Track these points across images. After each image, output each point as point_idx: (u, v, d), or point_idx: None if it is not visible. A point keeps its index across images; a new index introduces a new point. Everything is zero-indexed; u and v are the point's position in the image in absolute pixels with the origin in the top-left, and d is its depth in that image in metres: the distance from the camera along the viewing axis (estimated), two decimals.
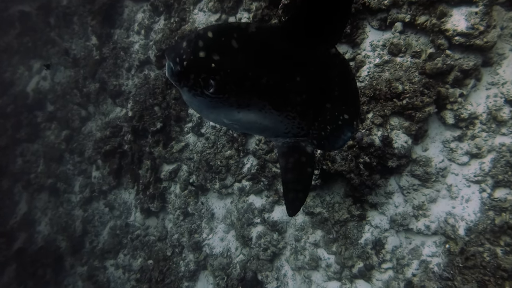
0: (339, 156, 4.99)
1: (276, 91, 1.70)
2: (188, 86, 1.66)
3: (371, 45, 5.24)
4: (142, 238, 8.18)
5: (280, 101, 1.75)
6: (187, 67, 1.59)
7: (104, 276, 9.10)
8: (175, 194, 7.46)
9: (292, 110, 1.80)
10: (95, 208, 9.87)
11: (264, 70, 1.64)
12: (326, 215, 5.43)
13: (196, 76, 1.61)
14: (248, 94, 1.68)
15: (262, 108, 1.75)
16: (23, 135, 12.62)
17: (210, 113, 1.86)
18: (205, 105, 1.76)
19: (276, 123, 1.85)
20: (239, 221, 6.24)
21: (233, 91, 1.64)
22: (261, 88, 1.66)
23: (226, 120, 1.86)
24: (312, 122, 1.92)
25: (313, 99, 1.82)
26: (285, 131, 1.93)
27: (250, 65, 1.61)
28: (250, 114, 1.78)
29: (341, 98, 1.93)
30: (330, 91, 1.88)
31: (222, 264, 6.47)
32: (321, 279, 5.49)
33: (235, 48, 1.57)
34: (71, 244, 10.18)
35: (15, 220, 12.66)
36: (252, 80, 1.63)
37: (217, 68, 1.57)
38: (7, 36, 14.97)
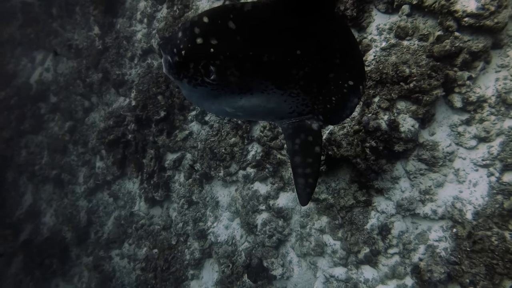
0: (345, 141, 4.96)
1: (278, 68, 1.66)
2: (188, 76, 1.63)
3: (377, 28, 5.17)
4: (147, 227, 8.22)
5: (282, 78, 1.71)
6: (186, 56, 1.55)
7: (109, 266, 9.18)
8: (179, 182, 7.47)
9: (295, 86, 1.76)
10: (100, 198, 9.92)
11: (264, 48, 1.60)
12: (331, 201, 5.42)
13: (195, 65, 1.58)
14: (250, 76, 1.65)
15: (265, 89, 1.72)
16: (27, 126, 12.68)
17: (212, 104, 1.83)
18: (206, 95, 1.73)
19: (280, 103, 1.82)
20: (244, 208, 6.24)
21: (234, 75, 1.61)
22: (262, 67, 1.63)
23: (228, 108, 1.83)
24: (316, 96, 1.87)
25: (315, 71, 1.78)
26: (290, 110, 1.89)
27: (250, 44, 1.57)
28: (252, 98, 1.75)
29: (343, 65, 1.87)
30: (331, 59, 1.83)
31: (227, 252, 6.49)
32: (327, 265, 5.50)
33: (233, 30, 1.54)
34: (76, 234, 10.26)
35: (21, 211, 12.78)
36: (253, 60, 1.59)
37: (216, 53, 1.53)
38: (9, 27, 14.97)
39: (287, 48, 1.65)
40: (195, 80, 1.64)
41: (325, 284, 5.51)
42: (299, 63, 1.70)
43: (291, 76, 1.72)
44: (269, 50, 1.60)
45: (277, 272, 5.80)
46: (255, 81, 1.67)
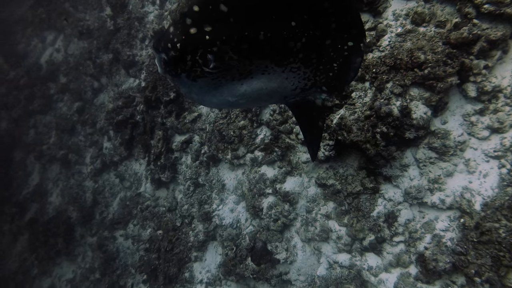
0: (356, 126, 4.96)
1: (275, 44, 1.64)
2: (186, 70, 1.61)
3: (393, 14, 5.14)
4: (152, 208, 8.33)
5: (281, 54, 1.70)
6: (181, 48, 1.52)
7: (113, 246, 9.33)
8: (186, 164, 7.54)
9: (294, 60, 1.75)
10: (106, 179, 10.05)
11: (259, 26, 1.57)
12: (338, 187, 5.44)
13: (193, 56, 1.56)
14: (249, 58, 1.63)
15: (265, 69, 1.71)
16: (36, 106, 12.83)
17: (213, 97, 1.80)
18: (206, 88, 1.71)
19: (282, 81, 1.82)
20: (250, 191, 6.30)
21: (233, 59, 1.59)
22: (260, 46, 1.61)
23: (231, 98, 1.81)
24: (316, 67, 1.85)
25: (312, 41, 1.75)
26: (292, 87, 1.89)
27: (244, 24, 1.55)
28: (254, 81, 1.74)
29: (340, 27, 1.80)
30: (327, 25, 1.77)
31: (232, 235, 6.57)
32: (331, 251, 5.54)
33: (225, 12, 1.51)
34: (81, 214, 10.42)
35: (28, 190, 12.99)
36: (250, 40, 1.57)
37: (212, 39, 1.51)
38: (21, 7, 15.08)
39: (281, 21, 1.62)
40: (194, 73, 1.62)
41: (329, 270, 5.57)
42: (295, 35, 1.67)
43: (289, 50, 1.70)
44: (264, 27, 1.58)
45: (281, 256, 5.86)
46: (254, 62, 1.66)
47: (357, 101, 5.04)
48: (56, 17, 13.11)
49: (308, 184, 5.81)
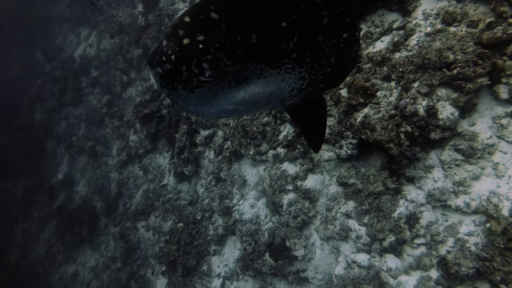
0: (380, 125, 4.97)
1: (268, 46, 1.66)
2: (183, 81, 1.63)
3: (423, 13, 5.12)
4: (174, 201, 8.58)
5: (275, 56, 1.71)
6: (176, 60, 1.55)
7: (135, 237, 9.66)
8: (209, 159, 7.73)
9: (288, 60, 1.75)
10: (130, 171, 10.43)
11: (250, 30, 1.60)
12: (360, 186, 5.45)
13: (188, 66, 1.58)
14: (243, 63, 1.65)
15: (260, 73, 1.73)
16: (68, 99, 13.47)
17: (211, 107, 1.82)
18: (204, 98, 1.73)
19: (278, 83, 1.83)
20: (271, 187, 6.40)
21: (228, 66, 1.61)
22: (253, 50, 1.63)
23: (229, 106, 1.83)
24: (311, 65, 1.85)
25: (304, 39, 1.74)
26: (289, 89, 1.90)
27: (236, 29, 1.57)
28: (250, 87, 1.76)
29: (333, 20, 1.78)
30: (318, 21, 1.75)
31: (251, 230, 6.69)
32: (350, 250, 5.55)
33: (216, 20, 1.53)
34: (106, 205, 10.84)
35: (57, 179, 13.63)
36: (243, 44, 1.59)
37: (205, 48, 1.54)
38: (60, 4, 15.88)
39: (272, 23, 1.64)
40: (191, 83, 1.64)
41: (347, 270, 5.58)
42: (287, 35, 1.68)
43: (283, 51, 1.71)
44: (256, 31, 1.60)
45: (299, 253, 5.92)
46: (249, 67, 1.67)
47: (382, 100, 5.04)
48: (90, 14, 13.74)
49: (329, 182, 5.85)
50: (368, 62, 5.29)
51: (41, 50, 16.24)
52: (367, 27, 5.37)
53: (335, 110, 5.71)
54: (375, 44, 5.29)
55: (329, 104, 5.76)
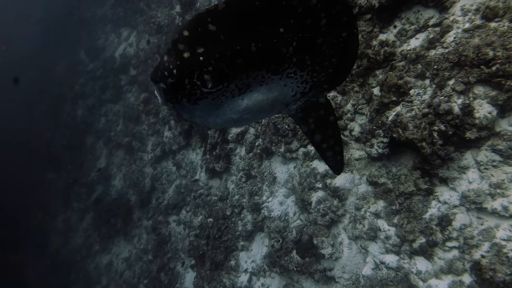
0: (412, 123, 4.95)
1: (267, 53, 1.69)
2: (186, 94, 1.66)
3: (462, 9, 5.04)
4: (205, 197, 8.88)
5: (275, 62, 1.74)
6: (178, 74, 1.59)
7: (166, 230, 10.07)
8: (240, 156, 7.96)
9: (289, 65, 1.78)
10: (164, 166, 10.89)
11: (249, 38, 1.64)
12: (390, 186, 5.44)
13: (190, 79, 1.61)
14: (245, 72, 1.68)
15: (262, 80, 1.76)
16: (108, 96, 14.26)
17: (217, 118, 1.86)
18: (209, 109, 1.77)
19: (281, 89, 1.86)
20: (300, 185, 6.50)
21: (229, 75, 1.65)
22: (253, 58, 1.67)
23: (234, 115, 1.86)
24: (312, 68, 1.88)
25: (303, 43, 1.77)
26: (292, 93, 1.93)
27: (235, 39, 1.62)
28: (254, 94, 1.79)
29: (331, 21, 1.81)
30: (316, 23, 1.78)
31: (279, 227, 6.82)
32: (378, 250, 5.54)
33: (214, 31, 1.59)
34: (140, 198, 11.38)
35: (95, 174, 14.44)
36: (242, 53, 1.63)
37: (206, 60, 1.58)
38: (104, 6, 16.87)
39: (270, 30, 1.68)
40: (194, 95, 1.67)
41: (374, 271, 5.57)
42: (286, 40, 1.71)
43: (283, 56, 1.74)
44: (254, 39, 1.64)
45: (326, 251, 5.98)
46: (251, 74, 1.70)
47: (415, 99, 5.02)
48: (131, 15, 14.49)
49: (359, 181, 5.87)
50: (402, 60, 5.28)
51: (85, 50, 17.30)
52: (401, 25, 5.37)
53: (366, 109, 5.73)
54: (409, 42, 5.28)
55: (361, 102, 5.79)
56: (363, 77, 5.73)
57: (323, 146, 2.12)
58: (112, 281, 11.79)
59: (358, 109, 5.81)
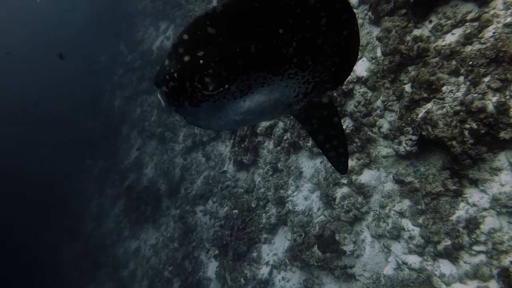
0: (442, 121, 4.90)
1: (267, 54, 1.72)
2: (188, 97, 1.70)
3: (504, 3, 4.90)
4: (231, 189, 9.13)
5: (275, 63, 1.77)
6: (179, 77, 1.63)
7: (192, 220, 10.44)
8: (268, 149, 8.13)
9: (290, 66, 1.81)
10: (194, 157, 11.27)
11: (248, 39, 1.67)
12: (417, 185, 5.39)
13: (191, 82, 1.65)
14: (245, 74, 1.71)
15: (263, 82, 1.78)
16: (144, 87, 14.91)
17: (219, 120, 1.89)
18: (211, 111, 1.81)
19: (283, 89, 1.88)
20: (326, 180, 6.57)
21: (230, 78, 1.68)
22: (253, 59, 1.69)
23: (237, 117, 1.89)
24: (314, 68, 1.90)
25: (303, 43, 1.80)
26: (294, 94, 1.95)
27: (234, 41, 1.65)
28: (255, 96, 1.81)
29: (331, 20, 1.83)
30: (315, 23, 1.81)
31: (302, 222, 6.92)
32: (401, 250, 5.52)
33: (213, 34, 1.62)
34: (169, 187, 11.85)
35: (129, 161, 15.17)
36: (242, 55, 1.66)
37: (206, 62, 1.62)
38: (144, 0, 17.62)
39: (268, 31, 1.70)
40: (196, 98, 1.70)
41: (396, 271, 5.55)
42: (285, 41, 1.74)
43: (283, 57, 1.77)
44: (253, 40, 1.67)
45: (347, 248, 6.03)
46: (252, 76, 1.73)
47: (447, 96, 4.95)
48: (170, 9, 15.05)
49: (385, 179, 5.86)
50: (436, 56, 5.21)
51: (125, 42, 18.15)
52: (437, 19, 5.30)
53: (396, 105, 5.71)
54: (444, 37, 5.20)
55: (391, 99, 5.77)
56: (395, 73, 5.70)
57: (326, 146, 2.14)
58: (139, 266, 12.37)
59: (388, 106, 5.79)
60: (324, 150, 2.15)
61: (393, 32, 5.74)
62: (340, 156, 2.15)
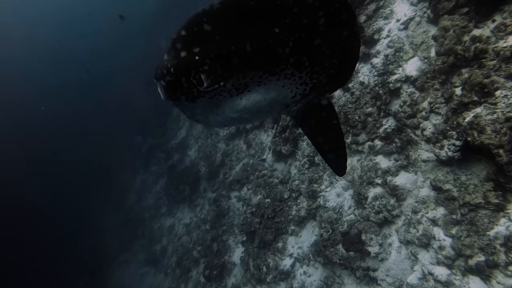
0: (491, 127, 4.66)
1: (263, 53, 1.72)
2: (184, 92, 1.73)
3: None
4: (267, 178, 9.31)
5: (271, 63, 1.76)
6: (175, 72, 1.67)
7: (226, 204, 10.78)
8: (307, 142, 8.18)
9: (286, 66, 1.80)
10: (236, 144, 11.60)
11: (244, 37, 1.68)
12: (455, 194, 5.18)
13: (187, 78, 1.67)
14: (241, 72, 1.72)
15: (260, 81, 1.78)
16: None
17: (217, 116, 1.91)
18: (207, 107, 1.83)
19: (280, 90, 1.88)
20: (360, 178, 6.50)
21: (225, 75, 1.69)
22: (249, 58, 1.70)
23: (233, 114, 1.91)
24: (311, 69, 1.88)
25: (300, 43, 1.79)
26: (292, 95, 1.94)
27: (229, 39, 1.67)
28: (252, 94, 1.82)
29: (330, 19, 1.81)
30: (313, 23, 1.79)
31: (331, 218, 6.92)
32: (429, 260, 5.34)
33: (209, 31, 1.65)
34: (209, 171, 12.31)
35: (175, 142, 15.93)
36: (237, 53, 1.68)
37: (201, 59, 1.64)
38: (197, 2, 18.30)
39: (264, 30, 1.70)
40: (192, 94, 1.72)
41: (421, 281, 5.38)
42: (281, 41, 1.73)
43: (279, 57, 1.76)
44: (248, 39, 1.68)
45: (372, 249, 5.94)
46: (248, 74, 1.73)
47: (501, 101, 4.70)
48: None
49: (421, 184, 5.69)
50: (494, 59, 4.96)
51: None
52: (501, 19, 5.02)
53: (444, 108, 5.51)
54: (507, 38, 4.92)
55: (439, 101, 5.58)
56: (447, 74, 5.50)
57: (324, 148, 2.10)
58: (171, 243, 13.01)
59: (435, 108, 5.60)
60: (322, 152, 2.12)
61: (450, 32, 5.54)
62: (338, 158, 2.11)
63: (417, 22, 6.40)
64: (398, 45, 6.47)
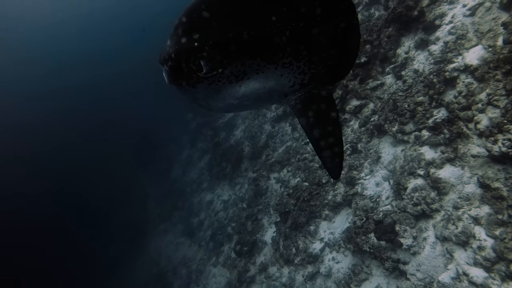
0: None
1: (260, 41, 1.73)
2: (185, 78, 1.80)
3: None
4: (308, 162, 9.28)
5: (269, 51, 1.77)
6: (176, 58, 1.74)
7: (264, 184, 10.91)
8: (352, 128, 8.03)
9: (284, 55, 1.79)
10: (281, 127, 11.65)
11: (241, 25, 1.70)
12: (504, 193, 4.86)
13: (187, 63, 1.74)
14: (239, 59, 1.74)
15: (258, 68, 1.79)
16: None
17: (217, 102, 1.94)
18: (208, 93, 1.87)
19: (278, 78, 1.88)
20: (401, 168, 6.30)
21: (223, 62, 1.72)
22: (246, 45, 1.71)
23: (233, 100, 1.93)
24: (309, 59, 1.87)
25: (297, 32, 1.78)
26: (290, 84, 1.94)
27: (227, 26, 1.70)
28: (251, 82, 1.83)
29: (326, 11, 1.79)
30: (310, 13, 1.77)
31: (367, 207, 6.78)
32: (465, 260, 5.09)
33: (208, 18, 1.69)
34: (252, 151, 12.49)
35: (223, 121, 16.31)
36: (235, 40, 1.69)
37: (200, 45, 1.69)
38: None
39: (261, 18, 1.71)
40: (192, 79, 1.78)
41: (454, 281, 5.16)
42: (278, 29, 1.73)
43: (276, 45, 1.76)
44: (246, 27, 1.68)
45: (405, 242, 5.76)
46: (246, 62, 1.75)
47: None
48: None
49: (468, 180, 5.39)
50: None
51: None
52: None
53: (504, 101, 5.14)
54: None
55: (499, 93, 5.21)
56: None
57: (320, 144, 2.02)
58: (208, 217, 13.46)
59: (493, 100, 5.24)
60: (318, 149, 2.04)
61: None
62: (334, 156, 2.03)
63: (486, 8, 5.98)
64: (461, 32, 6.10)
